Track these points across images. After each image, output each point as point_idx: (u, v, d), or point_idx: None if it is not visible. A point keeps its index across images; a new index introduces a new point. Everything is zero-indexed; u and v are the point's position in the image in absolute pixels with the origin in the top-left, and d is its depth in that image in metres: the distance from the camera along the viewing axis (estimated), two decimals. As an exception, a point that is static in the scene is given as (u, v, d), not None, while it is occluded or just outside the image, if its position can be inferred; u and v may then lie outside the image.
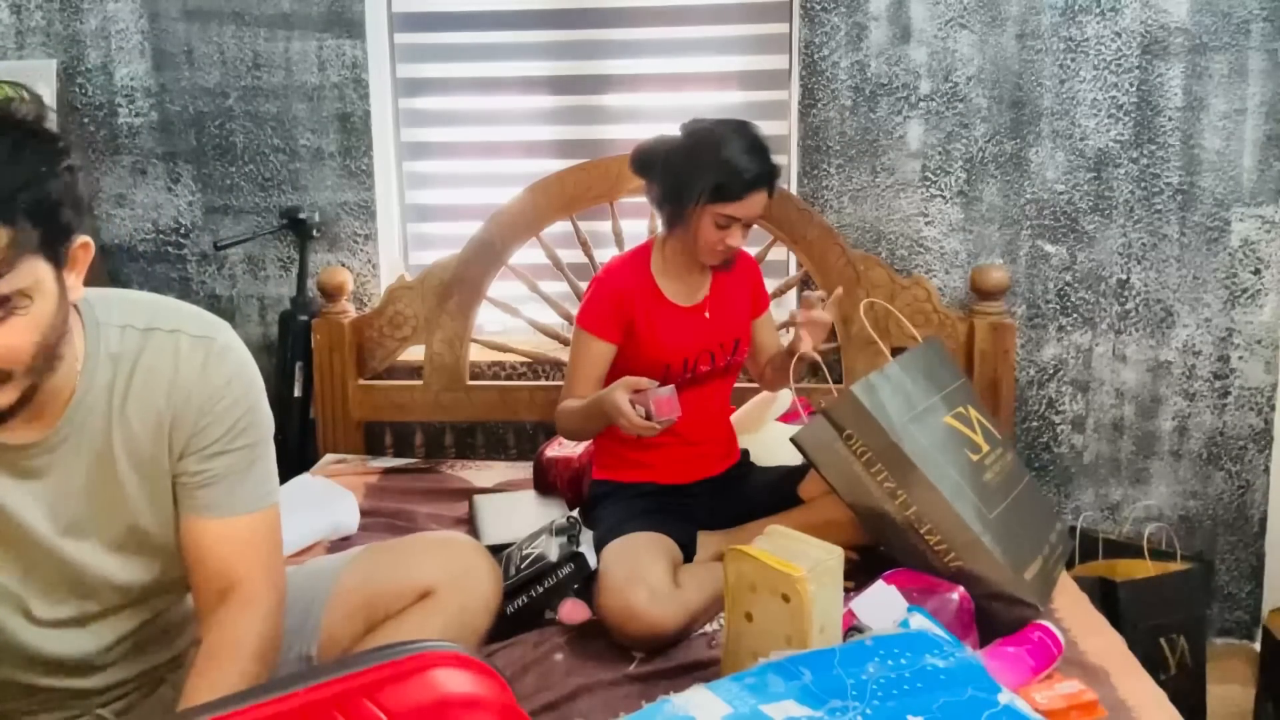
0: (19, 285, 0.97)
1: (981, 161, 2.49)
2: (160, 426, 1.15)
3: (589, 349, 1.92)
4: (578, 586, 1.70)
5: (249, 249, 2.64)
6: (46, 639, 1.17)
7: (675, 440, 1.92)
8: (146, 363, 1.14)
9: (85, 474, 1.14)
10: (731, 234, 1.86)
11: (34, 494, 1.12)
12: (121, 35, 2.58)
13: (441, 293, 2.52)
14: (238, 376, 1.18)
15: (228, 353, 1.18)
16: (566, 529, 1.77)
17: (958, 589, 1.56)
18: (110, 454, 1.14)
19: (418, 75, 2.67)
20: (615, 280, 1.94)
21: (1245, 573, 2.58)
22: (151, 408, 1.15)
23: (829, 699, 1.08)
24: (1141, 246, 2.49)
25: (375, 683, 0.92)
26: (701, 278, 1.98)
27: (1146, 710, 1.40)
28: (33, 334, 1.00)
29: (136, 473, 1.16)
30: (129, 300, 1.19)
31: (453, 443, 2.63)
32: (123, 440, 1.15)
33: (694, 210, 1.84)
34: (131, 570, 1.20)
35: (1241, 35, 2.39)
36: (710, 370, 1.97)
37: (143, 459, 1.16)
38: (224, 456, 1.17)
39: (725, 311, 2.00)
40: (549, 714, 1.43)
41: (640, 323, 1.91)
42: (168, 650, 1.30)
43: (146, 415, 1.15)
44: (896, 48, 2.46)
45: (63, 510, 1.14)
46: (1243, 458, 2.54)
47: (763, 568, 1.37)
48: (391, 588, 1.37)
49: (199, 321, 1.19)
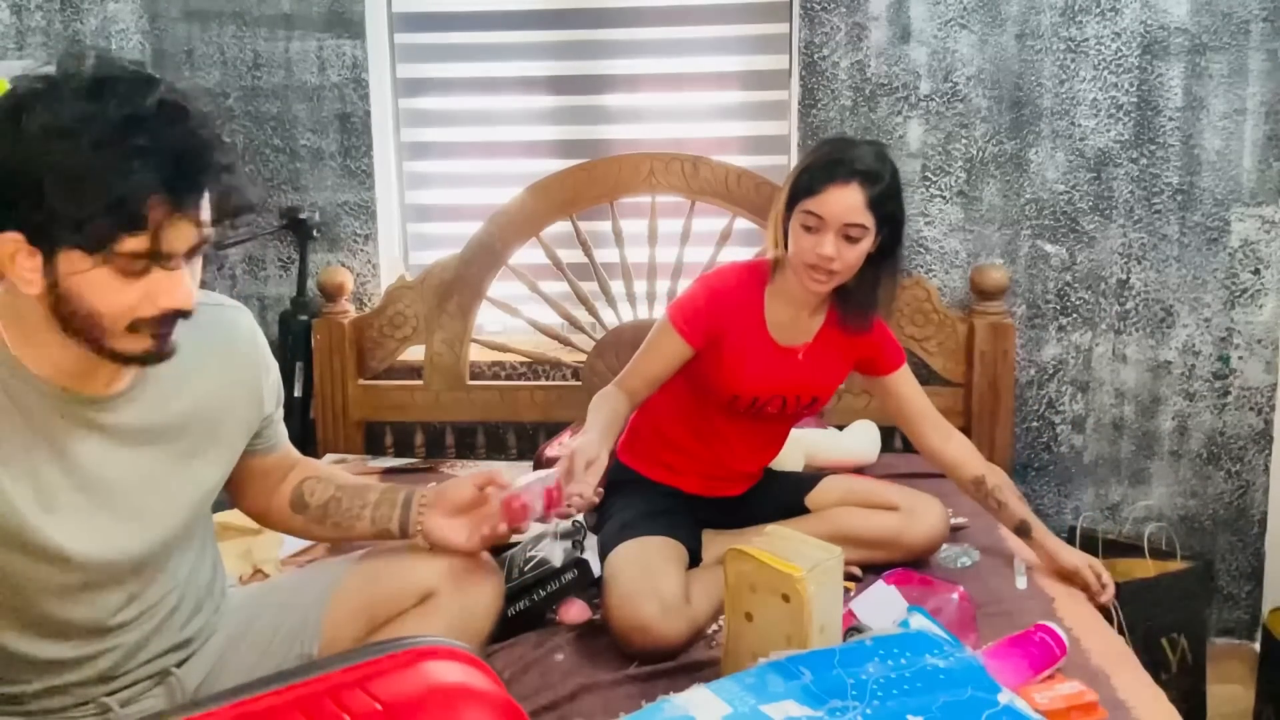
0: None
1: (981, 161, 2.49)
2: (232, 390, 1.28)
3: (667, 344, 1.78)
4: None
5: (249, 249, 2.64)
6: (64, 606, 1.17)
7: (714, 461, 1.86)
8: (205, 327, 1.22)
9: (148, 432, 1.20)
10: (821, 240, 1.66)
11: (104, 446, 1.17)
12: (121, 35, 2.58)
13: (441, 293, 2.52)
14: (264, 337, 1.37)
15: (252, 320, 1.36)
16: (571, 533, 1.74)
17: (958, 589, 1.56)
18: (181, 410, 1.22)
19: (418, 75, 2.67)
20: (724, 288, 1.79)
21: (1245, 573, 2.58)
22: (217, 372, 1.26)
23: (829, 699, 1.08)
24: (1141, 246, 2.49)
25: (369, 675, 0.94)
26: (811, 322, 1.83)
27: (1146, 710, 1.40)
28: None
29: (199, 432, 1.25)
30: None
31: (453, 443, 2.63)
32: (190, 400, 1.23)
33: (789, 219, 1.72)
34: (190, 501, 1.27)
35: (1241, 35, 2.39)
36: (776, 414, 1.86)
37: (207, 419, 1.25)
38: (280, 407, 1.39)
39: (821, 364, 1.84)
40: (549, 714, 1.43)
41: (729, 344, 1.78)
42: (175, 633, 1.30)
43: (214, 378, 1.25)
44: (896, 48, 2.46)
45: (135, 451, 1.19)
46: (1243, 458, 2.54)
47: (763, 568, 1.37)
48: (393, 589, 1.37)
49: (217, 295, 1.33)
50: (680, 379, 1.82)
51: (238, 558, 1.87)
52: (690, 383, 1.82)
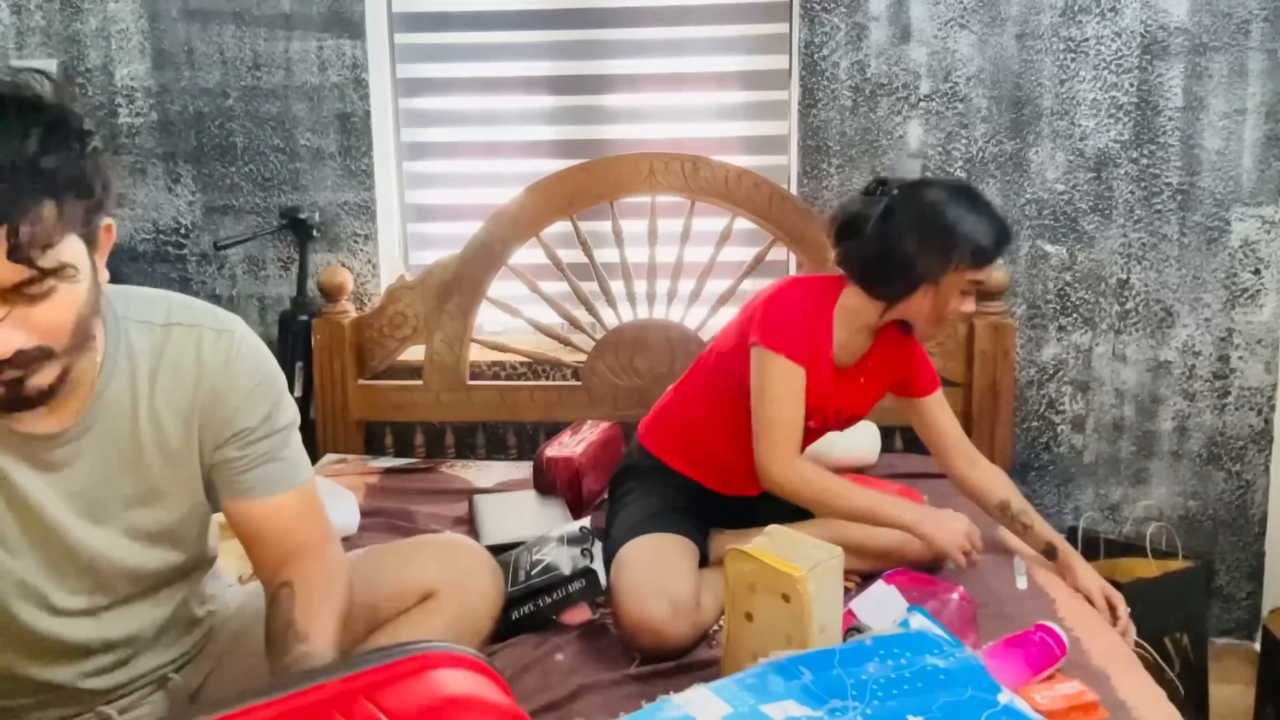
0: (64, 258, 0.98)
1: (981, 161, 2.49)
2: (190, 420, 1.18)
3: (791, 376, 1.71)
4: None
5: (249, 249, 2.64)
6: (60, 627, 1.17)
7: (742, 465, 1.84)
8: (171, 357, 1.17)
9: (108, 465, 1.16)
10: (970, 300, 1.77)
11: (54, 485, 1.13)
12: (121, 35, 2.58)
13: (441, 293, 2.51)
14: (261, 365, 1.23)
15: (246, 344, 1.22)
16: (579, 539, 1.73)
17: (958, 589, 1.56)
18: (137, 446, 1.16)
19: (418, 75, 2.67)
20: (808, 305, 1.77)
21: (1245, 573, 2.58)
22: (180, 402, 1.18)
23: (829, 699, 1.08)
24: (1141, 246, 2.49)
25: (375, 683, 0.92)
26: (864, 343, 1.83)
27: (1146, 710, 1.40)
28: (74, 309, 1.01)
29: (165, 465, 1.19)
30: (143, 296, 1.20)
31: (453, 443, 2.63)
32: (151, 433, 1.17)
33: (942, 279, 1.72)
34: (148, 559, 1.22)
35: (1241, 35, 2.39)
36: (815, 429, 1.85)
37: (171, 451, 1.19)
38: (263, 441, 1.22)
39: (867, 384, 1.87)
40: (549, 714, 1.43)
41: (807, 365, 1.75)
42: (176, 647, 1.30)
43: (175, 409, 1.17)
44: (896, 48, 2.46)
45: (83, 500, 1.16)
46: (1243, 458, 2.54)
47: (763, 568, 1.37)
48: (392, 590, 1.37)
49: (214, 316, 1.22)
50: (730, 386, 1.80)
51: (238, 558, 1.86)
52: (740, 392, 1.78)
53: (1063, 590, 1.78)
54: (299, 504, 1.25)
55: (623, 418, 2.48)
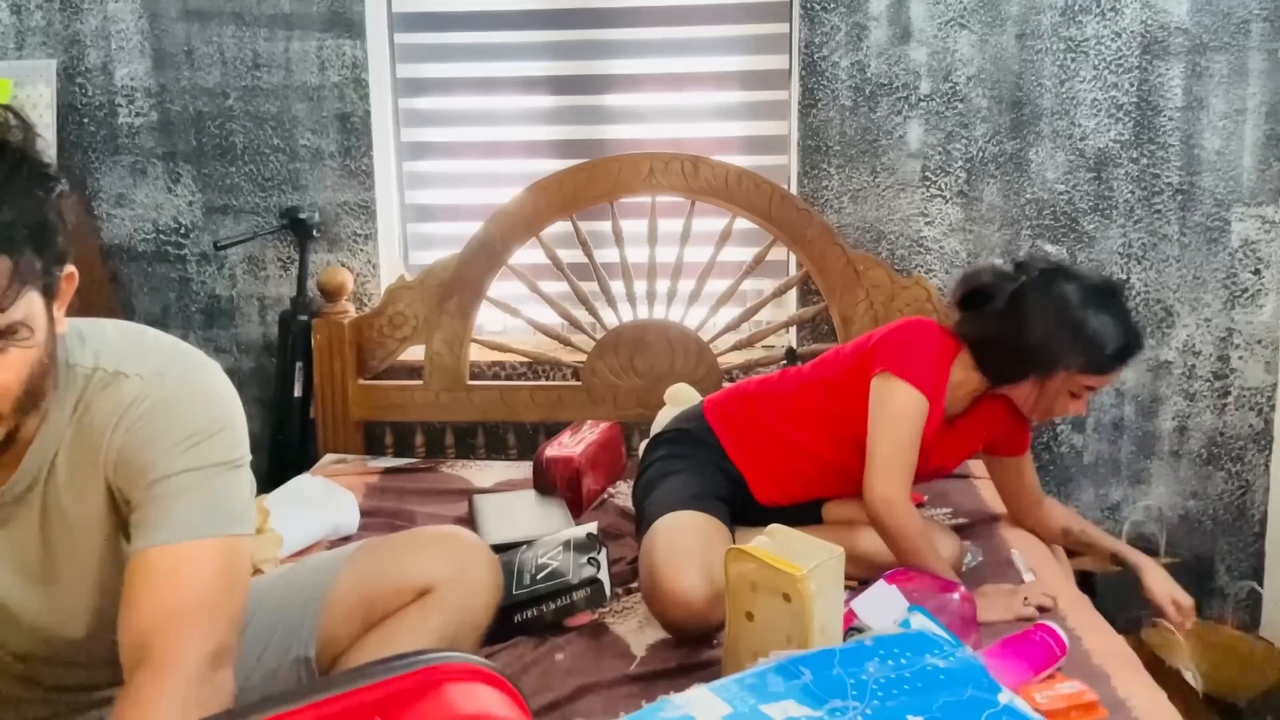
0: (19, 317, 0.93)
1: (981, 161, 2.49)
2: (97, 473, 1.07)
3: (920, 407, 1.68)
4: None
5: (249, 249, 2.64)
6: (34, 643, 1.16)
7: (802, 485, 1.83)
8: (98, 407, 1.06)
9: (40, 526, 1.09)
10: (1081, 402, 1.73)
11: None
12: (121, 35, 2.58)
13: (441, 293, 2.51)
14: (189, 402, 1.08)
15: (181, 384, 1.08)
16: (587, 547, 1.71)
17: (958, 588, 1.56)
18: (59, 506, 1.08)
19: (418, 75, 2.67)
20: (940, 349, 1.75)
21: (1245, 573, 2.58)
22: (95, 453, 1.07)
23: (829, 699, 1.08)
24: (1141, 246, 2.49)
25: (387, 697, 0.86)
26: (965, 405, 1.82)
27: (1146, 710, 1.40)
28: (25, 369, 0.95)
29: (88, 525, 1.10)
30: (114, 338, 1.11)
31: (453, 443, 2.63)
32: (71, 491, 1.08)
33: (1052, 376, 1.69)
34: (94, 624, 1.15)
35: (1241, 35, 2.39)
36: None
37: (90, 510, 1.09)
38: (165, 481, 1.05)
39: (963, 439, 1.86)
40: (549, 714, 1.42)
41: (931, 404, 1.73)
42: None
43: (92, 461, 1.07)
44: (896, 48, 2.46)
45: (23, 562, 1.10)
46: (1243, 458, 2.54)
47: (763, 567, 1.37)
48: (390, 585, 1.35)
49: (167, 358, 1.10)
50: (831, 414, 1.79)
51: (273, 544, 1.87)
52: (841, 421, 1.76)
53: (1063, 590, 1.78)
54: (191, 563, 1.03)
55: (623, 418, 2.48)
